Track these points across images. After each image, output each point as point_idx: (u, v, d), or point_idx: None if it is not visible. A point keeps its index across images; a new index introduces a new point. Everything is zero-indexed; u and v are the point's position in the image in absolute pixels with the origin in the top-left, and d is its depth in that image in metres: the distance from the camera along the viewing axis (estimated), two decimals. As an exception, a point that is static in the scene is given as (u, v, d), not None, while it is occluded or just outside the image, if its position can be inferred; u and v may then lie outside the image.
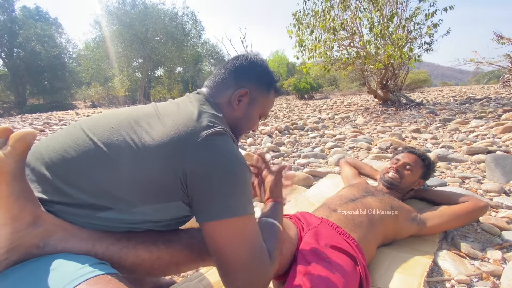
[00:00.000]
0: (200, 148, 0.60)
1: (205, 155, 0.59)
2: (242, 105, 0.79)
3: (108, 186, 0.56)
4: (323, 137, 3.66)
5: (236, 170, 0.61)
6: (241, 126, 0.82)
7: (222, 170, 0.59)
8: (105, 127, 0.62)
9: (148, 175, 0.58)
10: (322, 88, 20.56)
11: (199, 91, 0.80)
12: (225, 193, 0.59)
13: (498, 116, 3.97)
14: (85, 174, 0.56)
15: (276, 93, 0.88)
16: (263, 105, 0.84)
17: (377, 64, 5.94)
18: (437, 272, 1.00)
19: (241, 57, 0.82)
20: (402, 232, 1.14)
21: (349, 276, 0.78)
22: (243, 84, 0.79)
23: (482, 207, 1.18)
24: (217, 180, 0.58)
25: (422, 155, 1.36)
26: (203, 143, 0.60)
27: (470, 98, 6.87)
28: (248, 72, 0.80)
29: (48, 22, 21.34)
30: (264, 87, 0.83)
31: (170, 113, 0.68)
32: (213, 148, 0.61)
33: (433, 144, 2.91)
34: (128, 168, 0.57)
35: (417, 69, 13.73)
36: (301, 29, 6.76)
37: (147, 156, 0.58)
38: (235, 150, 0.65)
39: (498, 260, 1.03)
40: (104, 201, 0.56)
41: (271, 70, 0.86)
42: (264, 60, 0.86)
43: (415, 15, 5.82)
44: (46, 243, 0.50)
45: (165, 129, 0.62)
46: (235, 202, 0.59)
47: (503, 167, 1.85)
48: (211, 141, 0.62)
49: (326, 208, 1.13)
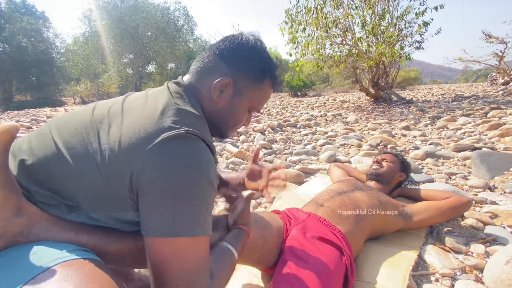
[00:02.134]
0: (152, 155, 0.52)
1: (156, 164, 0.52)
2: (224, 96, 0.67)
3: (68, 190, 0.55)
4: (315, 134, 3.69)
5: (190, 186, 0.52)
6: (225, 121, 0.71)
7: (171, 185, 0.51)
8: (69, 127, 0.60)
9: (98, 183, 0.54)
10: (315, 86, 20.64)
11: (178, 80, 0.69)
12: (171, 211, 0.52)
13: (485, 114, 4.07)
14: (51, 177, 0.56)
15: (273, 84, 0.73)
16: (253, 97, 0.71)
17: (368, 62, 5.99)
18: (422, 266, 1.03)
19: (229, 38, 0.69)
20: (390, 226, 1.17)
21: (335, 265, 0.80)
22: (227, 71, 0.66)
23: (466, 202, 1.21)
24: (164, 195, 0.51)
25: (395, 152, 1.62)
26: (156, 149, 0.52)
27: (458, 96, 7.02)
28: (234, 57, 0.67)
29: (35, 16, 20.73)
30: (254, 76, 0.69)
31: (134, 110, 0.60)
32: (167, 156, 0.52)
33: (421, 141, 2.97)
34: (82, 175, 0.54)
35: (408, 67, 13.93)
36: (294, 26, 6.76)
37: (100, 163, 0.54)
38: (196, 160, 0.55)
39: (481, 254, 1.07)
40: (71, 203, 0.56)
41: (267, 55, 0.71)
42: (260, 42, 0.70)
43: (406, 13, 5.90)
44: (30, 231, 0.51)
45: (119, 131, 0.56)
46: (182, 221, 0.52)
47: (488, 163, 1.90)
48: (167, 146, 0.53)
49: (314, 203, 1.15)
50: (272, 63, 0.72)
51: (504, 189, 1.60)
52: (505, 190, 1.59)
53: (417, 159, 2.31)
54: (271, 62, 0.71)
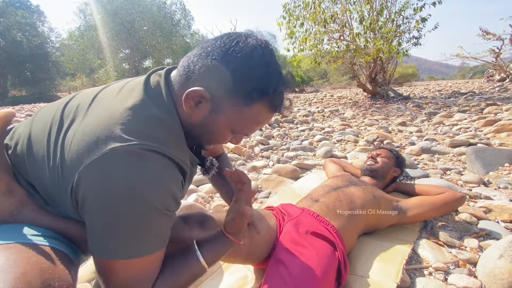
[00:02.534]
0: (91, 170, 0.47)
1: (91, 181, 0.47)
2: (200, 110, 0.55)
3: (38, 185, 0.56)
4: (312, 130, 3.68)
5: (126, 214, 0.47)
6: (201, 136, 0.60)
7: (104, 209, 0.47)
8: (43, 120, 0.58)
9: (51, 185, 0.53)
10: (313, 82, 20.62)
11: (163, 74, 0.59)
12: (104, 235, 0.48)
13: (481, 110, 4.09)
14: (26, 168, 0.56)
15: (271, 107, 0.58)
16: (236, 119, 0.56)
17: (366, 58, 5.98)
18: (416, 260, 1.04)
19: (223, 38, 0.54)
20: (384, 221, 1.17)
21: (328, 260, 0.80)
22: (206, 81, 0.53)
23: (460, 198, 1.22)
24: (96, 217, 0.48)
25: (390, 148, 1.62)
26: (96, 163, 0.47)
27: (455, 92, 7.04)
28: (217, 66, 0.52)
29: (30, 10, 20.39)
30: (240, 95, 0.54)
31: (99, 106, 0.55)
32: (105, 175, 0.46)
33: (417, 137, 2.98)
34: (41, 172, 0.54)
35: (405, 63, 13.94)
36: (292, 21, 6.71)
37: (52, 166, 0.52)
38: (141, 184, 0.47)
39: (475, 248, 1.07)
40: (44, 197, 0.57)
41: (264, 71, 0.54)
42: (263, 51, 0.54)
43: (404, 8, 5.87)
44: (18, 212, 0.53)
45: (74, 132, 0.52)
46: (115, 246, 0.49)
47: (483, 159, 1.91)
48: (109, 161, 0.47)
49: (308, 199, 1.15)
50: (271, 82, 0.54)
51: (498, 184, 1.61)
52: (499, 185, 1.60)
53: (413, 155, 2.31)
54: (269, 81, 0.54)
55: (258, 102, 0.55)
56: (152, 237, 0.51)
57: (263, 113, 0.57)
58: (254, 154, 2.65)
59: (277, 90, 0.56)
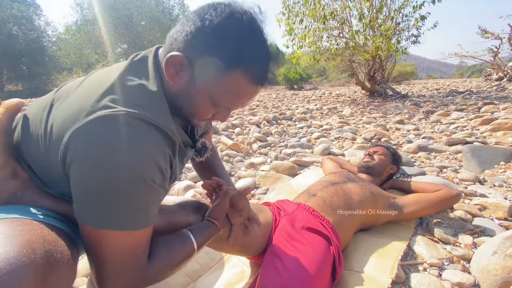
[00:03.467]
0: (75, 138, 0.47)
1: (77, 151, 0.47)
2: (180, 78, 0.54)
3: (35, 167, 0.57)
4: (310, 128, 3.69)
5: (110, 183, 0.46)
6: (184, 107, 0.58)
7: (88, 178, 0.47)
8: (36, 105, 0.60)
9: (45, 167, 0.55)
10: (312, 79, 20.60)
11: (150, 49, 0.60)
12: (93, 203, 0.48)
13: (478, 109, 4.11)
14: (25, 152, 0.58)
15: (251, 78, 0.54)
16: (214, 89, 0.54)
17: (365, 55, 5.98)
18: (411, 256, 1.05)
19: (205, 5, 0.54)
20: (380, 217, 1.18)
21: (323, 255, 0.81)
22: (186, 47, 0.52)
23: (455, 195, 1.23)
24: (83, 186, 0.48)
25: (387, 145, 1.63)
26: (80, 131, 0.47)
27: (453, 91, 7.06)
28: (193, 32, 0.51)
29: (26, 3, 20.12)
30: (217, 61, 0.51)
31: (88, 84, 0.56)
32: (89, 143, 0.47)
33: (415, 135, 2.99)
34: (37, 151, 0.55)
35: (403, 62, 13.95)
36: (291, 17, 6.68)
37: (45, 142, 0.53)
38: (126, 152, 0.47)
39: (469, 244, 1.09)
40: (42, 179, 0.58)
41: (242, 36, 0.51)
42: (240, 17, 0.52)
43: (404, 6, 5.86)
44: (22, 194, 0.54)
45: (62, 108, 0.53)
46: (105, 215, 0.48)
47: (479, 157, 1.92)
48: (92, 130, 0.47)
49: (306, 194, 1.16)
50: (247, 48, 0.51)
51: (493, 182, 1.63)
52: (494, 183, 1.62)
53: (410, 153, 2.33)
54: (245, 47, 0.51)
55: (236, 70, 0.52)
56: (134, 209, 0.50)
57: (242, 84, 0.54)
58: (252, 150, 2.65)
59: (256, 59, 0.53)
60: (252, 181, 1.80)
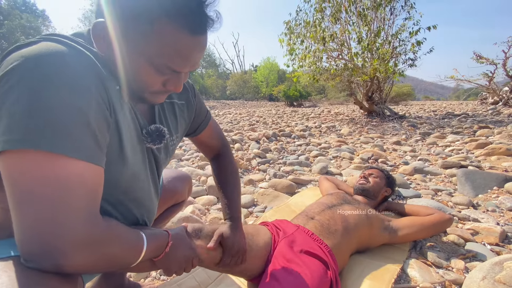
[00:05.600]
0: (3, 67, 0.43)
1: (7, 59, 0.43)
2: (110, 46, 0.49)
3: None
4: (308, 145, 3.75)
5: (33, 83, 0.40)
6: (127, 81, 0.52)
7: (9, 79, 0.41)
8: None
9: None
10: (311, 96, 20.90)
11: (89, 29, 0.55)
12: (12, 113, 0.39)
13: (474, 132, 4.20)
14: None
15: (184, 27, 0.47)
16: (146, 46, 0.47)
17: (363, 77, 6.15)
18: (404, 279, 1.07)
19: None
20: (375, 240, 1.21)
21: (320, 279, 0.83)
22: (106, 11, 0.47)
23: (447, 220, 1.27)
24: (4, 95, 0.40)
25: (381, 168, 1.70)
26: (5, 63, 0.43)
27: (449, 113, 7.21)
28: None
29: (35, 14, 20.73)
30: (138, 15, 0.46)
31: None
32: (19, 51, 0.44)
33: (411, 157, 3.05)
34: None
35: (401, 83, 14.26)
36: (292, 38, 6.92)
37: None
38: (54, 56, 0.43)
39: (461, 269, 1.11)
40: None
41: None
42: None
43: (400, 32, 6.10)
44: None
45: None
46: (34, 129, 0.39)
47: (473, 181, 1.97)
48: (26, 45, 0.45)
49: (304, 216, 1.18)
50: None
51: (486, 207, 1.67)
52: (487, 208, 1.66)
53: (406, 174, 2.37)
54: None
55: (159, 20, 0.45)
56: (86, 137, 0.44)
57: (172, 35, 0.47)
58: (251, 167, 2.69)
59: (178, 2, 0.46)
60: (250, 198, 1.83)
